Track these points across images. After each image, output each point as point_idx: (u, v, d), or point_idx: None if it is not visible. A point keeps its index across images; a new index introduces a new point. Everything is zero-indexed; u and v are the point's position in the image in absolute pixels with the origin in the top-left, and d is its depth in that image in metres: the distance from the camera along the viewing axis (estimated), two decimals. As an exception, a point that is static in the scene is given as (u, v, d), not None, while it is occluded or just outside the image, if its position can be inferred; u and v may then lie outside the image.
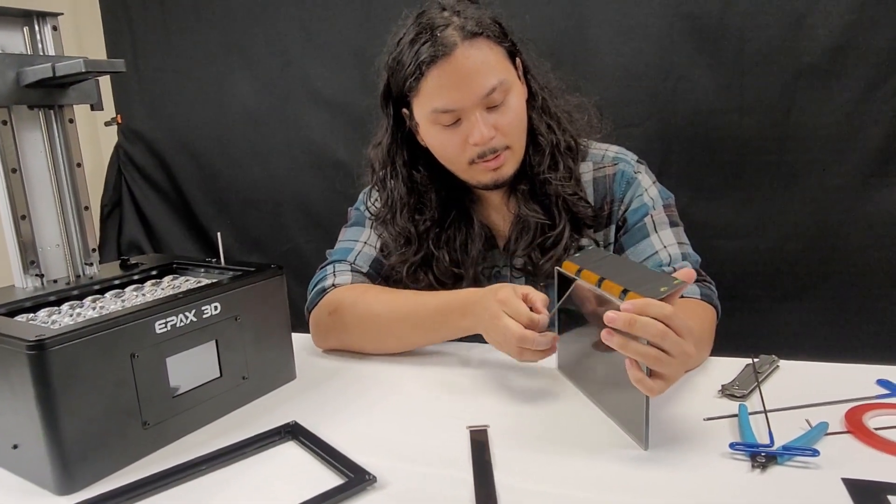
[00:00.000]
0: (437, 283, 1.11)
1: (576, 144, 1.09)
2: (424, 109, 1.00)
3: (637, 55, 1.58)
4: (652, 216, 1.07)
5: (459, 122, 0.99)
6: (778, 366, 0.92)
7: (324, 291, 1.11)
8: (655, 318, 0.68)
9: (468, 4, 1.01)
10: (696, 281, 1.03)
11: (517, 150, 1.04)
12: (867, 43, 1.43)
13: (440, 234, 1.10)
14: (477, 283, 1.11)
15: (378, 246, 1.16)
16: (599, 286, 0.79)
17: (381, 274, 1.16)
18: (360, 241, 1.17)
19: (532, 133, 1.06)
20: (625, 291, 0.74)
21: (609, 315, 0.69)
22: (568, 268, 0.87)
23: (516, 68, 1.04)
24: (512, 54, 1.03)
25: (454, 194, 1.11)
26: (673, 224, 1.08)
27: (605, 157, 1.12)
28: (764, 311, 1.58)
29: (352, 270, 1.13)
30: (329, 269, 1.14)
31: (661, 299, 0.70)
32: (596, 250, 1.02)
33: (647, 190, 1.09)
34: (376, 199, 1.16)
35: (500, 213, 1.13)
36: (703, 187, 1.58)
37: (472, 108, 0.97)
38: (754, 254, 1.57)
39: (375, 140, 1.13)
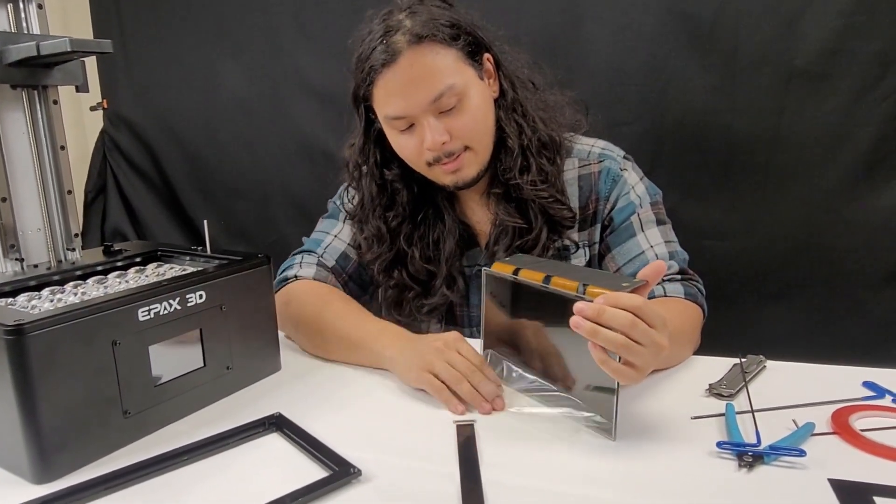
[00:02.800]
0: (410, 279, 1.10)
1: (554, 141, 1.06)
2: (380, 115, 1.01)
3: (629, 54, 1.58)
4: (639, 215, 1.06)
5: (413, 126, 0.98)
6: (765, 366, 0.92)
7: (286, 280, 1.12)
8: (625, 309, 0.67)
9: (427, 4, 0.98)
10: (682, 279, 1.03)
11: (479, 151, 1.02)
12: (859, 47, 1.43)
13: (412, 232, 1.10)
14: (451, 280, 1.10)
15: (348, 241, 1.16)
16: (547, 283, 0.78)
17: (346, 270, 1.15)
18: (331, 234, 1.17)
19: (501, 133, 1.04)
20: (584, 286, 0.74)
21: (578, 305, 0.68)
22: (502, 268, 0.86)
23: (478, 65, 1.01)
24: (471, 53, 0.99)
25: (427, 192, 1.11)
26: (660, 222, 1.07)
27: (590, 153, 1.10)
28: (751, 311, 1.59)
29: (318, 264, 1.13)
30: (298, 258, 1.15)
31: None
32: (526, 255, 1.00)
33: (634, 187, 1.08)
34: (353, 197, 1.16)
35: (481, 213, 1.12)
36: (692, 187, 1.58)
37: (423, 114, 0.96)
38: (743, 254, 1.57)
39: (350, 140, 1.12)
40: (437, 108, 0.96)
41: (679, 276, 1.03)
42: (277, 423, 0.79)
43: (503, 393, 0.84)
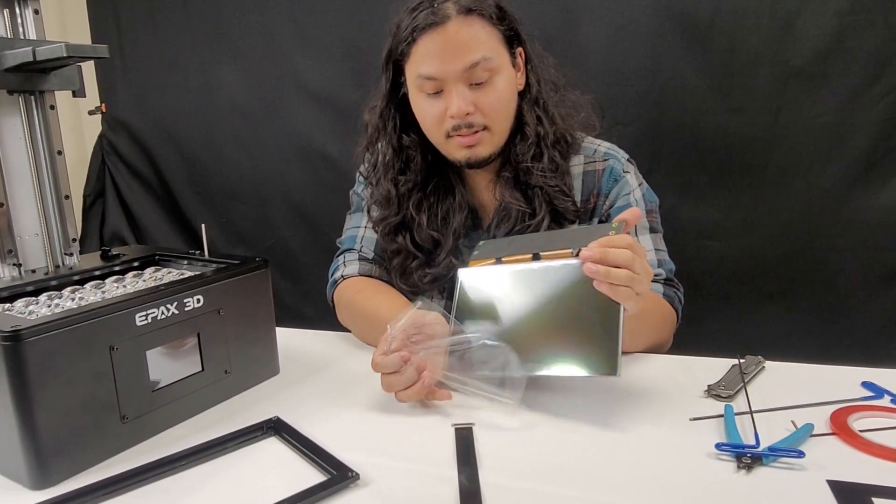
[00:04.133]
0: (414, 246, 1.12)
1: (567, 139, 1.10)
2: (412, 74, 1.03)
3: (627, 54, 1.58)
4: None
5: (442, 93, 1.01)
6: (764, 367, 0.92)
7: (335, 284, 1.17)
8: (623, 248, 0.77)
9: None
10: (665, 284, 1.07)
11: (496, 132, 1.05)
12: (855, 46, 1.44)
13: (421, 200, 1.12)
14: (457, 252, 1.12)
15: None
16: (539, 258, 0.84)
17: (385, 258, 1.18)
18: (362, 226, 1.20)
19: (520, 122, 1.08)
20: (577, 250, 0.81)
21: (585, 253, 0.78)
22: (481, 263, 0.90)
23: (513, 55, 1.05)
24: (509, 40, 1.04)
25: (440, 165, 1.13)
26: (652, 230, 1.10)
27: (596, 151, 1.13)
28: (750, 311, 1.59)
29: (359, 259, 1.17)
30: (340, 259, 1.19)
31: None
32: (492, 241, 1.00)
33: (633, 191, 1.10)
34: (367, 160, 1.19)
35: (487, 196, 1.14)
36: (690, 187, 1.59)
37: (454, 81, 1.00)
38: (741, 254, 1.58)
39: (372, 102, 1.15)
40: (469, 78, 1.00)
41: (663, 281, 1.07)
42: (276, 427, 0.79)
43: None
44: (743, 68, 1.51)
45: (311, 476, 0.69)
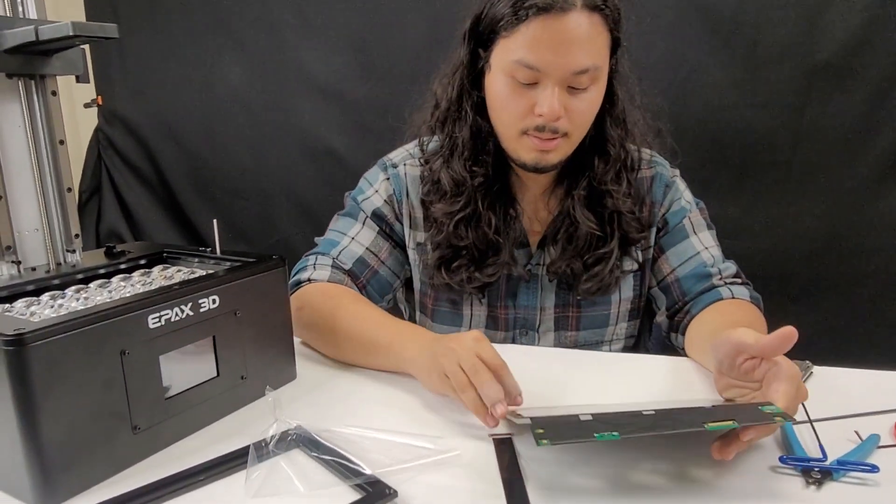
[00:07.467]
0: (475, 245, 1.02)
1: (636, 160, 1.05)
2: (508, 56, 0.92)
3: (648, 48, 1.54)
4: (690, 218, 1.07)
5: (535, 85, 0.92)
6: (812, 372, 0.88)
7: (299, 284, 1.06)
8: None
9: None
10: (744, 285, 1.04)
11: (573, 142, 0.97)
12: (884, 40, 1.40)
13: (486, 196, 1.03)
14: (513, 260, 1.05)
15: (367, 244, 1.09)
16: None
17: (363, 276, 1.08)
18: (348, 235, 1.10)
19: (602, 141, 1.01)
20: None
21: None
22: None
23: (611, 64, 0.98)
24: (614, 49, 0.96)
25: (504, 165, 1.05)
26: (709, 227, 1.08)
27: (641, 159, 1.08)
28: (773, 312, 1.53)
29: (332, 266, 1.06)
30: (311, 259, 1.09)
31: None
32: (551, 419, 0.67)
33: (684, 194, 1.09)
34: (427, 140, 1.10)
35: (537, 207, 1.07)
36: (712, 185, 1.55)
37: (556, 79, 0.90)
38: (764, 254, 1.54)
39: (442, 73, 1.05)
40: (571, 81, 0.91)
41: (739, 280, 1.04)
42: (298, 438, 0.73)
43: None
44: (767, 62, 1.48)
45: (344, 493, 0.63)
